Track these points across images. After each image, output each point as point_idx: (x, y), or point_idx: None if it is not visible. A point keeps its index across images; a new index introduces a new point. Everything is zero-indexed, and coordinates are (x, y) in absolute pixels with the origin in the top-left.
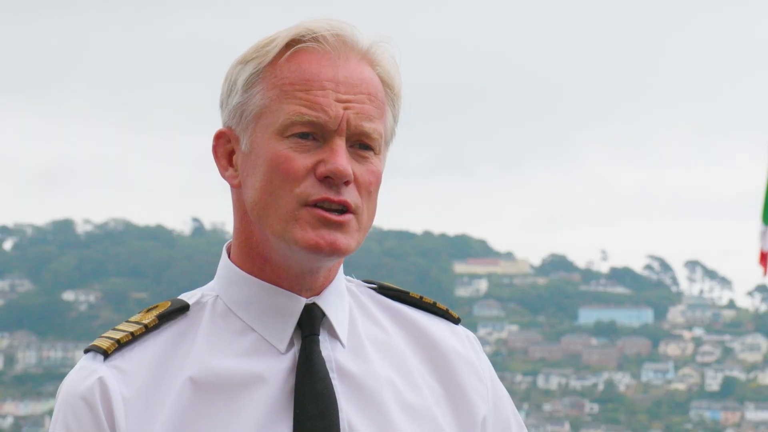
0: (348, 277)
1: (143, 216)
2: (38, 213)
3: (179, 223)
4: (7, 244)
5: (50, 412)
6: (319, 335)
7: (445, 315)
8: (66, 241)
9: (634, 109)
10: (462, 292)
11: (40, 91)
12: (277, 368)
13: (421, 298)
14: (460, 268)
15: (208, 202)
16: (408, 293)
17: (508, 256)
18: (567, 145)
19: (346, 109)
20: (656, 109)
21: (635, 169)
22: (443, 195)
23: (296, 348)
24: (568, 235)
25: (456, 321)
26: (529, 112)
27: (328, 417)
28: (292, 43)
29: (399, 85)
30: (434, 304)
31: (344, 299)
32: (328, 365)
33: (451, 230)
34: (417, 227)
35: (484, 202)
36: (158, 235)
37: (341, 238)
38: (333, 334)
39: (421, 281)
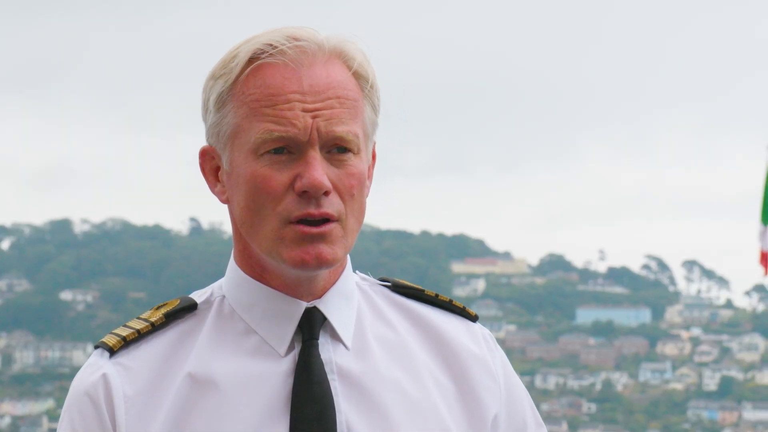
0: (363, 275)
1: (141, 216)
2: (36, 213)
3: (177, 223)
4: (5, 244)
5: (48, 412)
6: (318, 339)
7: (461, 313)
8: (64, 240)
9: (634, 109)
10: (460, 291)
11: (39, 91)
12: (276, 371)
13: (436, 295)
14: (457, 267)
15: (206, 203)
16: (423, 291)
17: (506, 255)
18: (566, 145)
19: (314, 117)
20: (655, 109)
21: (634, 169)
22: (441, 195)
23: (296, 352)
24: (566, 235)
25: (473, 319)
26: (529, 112)
27: (325, 420)
28: (253, 59)
29: (373, 75)
30: (450, 301)
31: (350, 300)
32: (327, 367)
33: (449, 230)
34: (415, 227)
35: (482, 201)
36: (156, 235)
37: (326, 249)
38: (335, 336)
39: (419, 281)
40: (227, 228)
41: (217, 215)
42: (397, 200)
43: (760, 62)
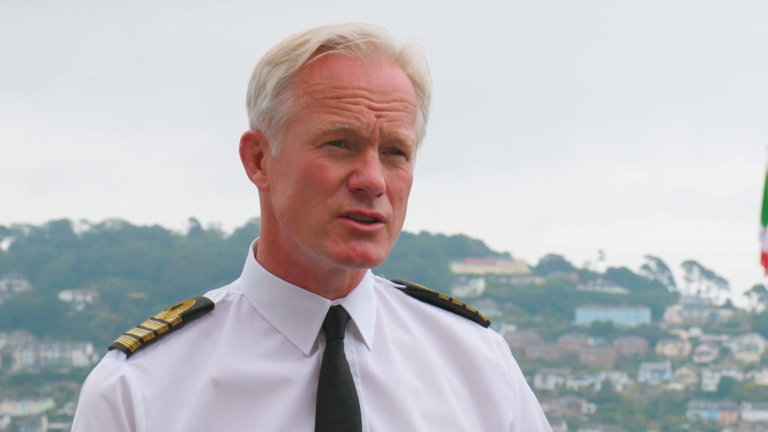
0: (377, 277)
1: (140, 216)
2: (35, 213)
3: (176, 223)
4: (5, 244)
5: (47, 412)
6: (343, 338)
7: (474, 318)
8: (63, 241)
9: (633, 109)
10: (459, 292)
11: (37, 91)
12: (300, 371)
13: (450, 299)
14: (457, 268)
15: (205, 203)
16: (437, 294)
17: (506, 256)
18: (565, 144)
19: (379, 117)
20: (654, 109)
21: (633, 169)
22: (441, 195)
23: (321, 351)
24: (566, 235)
25: (485, 324)
26: (528, 111)
27: (350, 422)
28: (323, 49)
29: (430, 85)
30: (464, 306)
31: (371, 301)
32: (352, 369)
33: (449, 230)
34: (414, 227)
35: (482, 202)
36: (155, 235)
37: (372, 249)
38: (358, 336)
39: (419, 281)
40: (227, 228)
41: (216, 215)
42: None
43: (759, 62)
